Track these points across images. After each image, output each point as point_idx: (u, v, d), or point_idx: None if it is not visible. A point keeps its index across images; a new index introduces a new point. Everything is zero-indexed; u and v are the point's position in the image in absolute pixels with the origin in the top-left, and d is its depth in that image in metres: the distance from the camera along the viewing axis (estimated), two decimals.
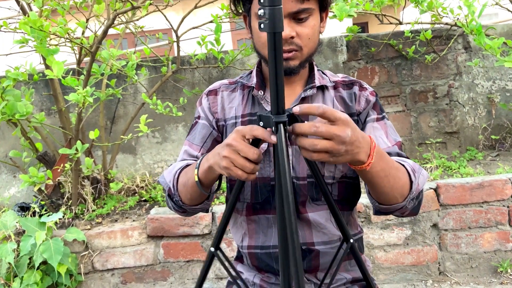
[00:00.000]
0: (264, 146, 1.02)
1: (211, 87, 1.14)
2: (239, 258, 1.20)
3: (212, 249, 0.87)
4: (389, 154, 0.98)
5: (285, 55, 0.94)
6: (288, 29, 0.92)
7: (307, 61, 1.00)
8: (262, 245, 1.08)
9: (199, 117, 1.13)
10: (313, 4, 0.94)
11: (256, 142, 0.81)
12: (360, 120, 1.05)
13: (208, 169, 0.89)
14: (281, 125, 0.75)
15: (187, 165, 1.04)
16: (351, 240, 0.87)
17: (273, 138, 0.75)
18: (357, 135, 0.77)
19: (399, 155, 1.01)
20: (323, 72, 1.11)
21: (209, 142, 1.09)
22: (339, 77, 1.10)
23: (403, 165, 0.93)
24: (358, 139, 0.77)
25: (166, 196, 1.07)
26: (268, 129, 0.77)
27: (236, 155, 0.79)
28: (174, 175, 1.02)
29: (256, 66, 1.09)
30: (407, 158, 1.01)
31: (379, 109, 1.06)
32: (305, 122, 0.76)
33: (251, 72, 1.12)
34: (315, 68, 1.07)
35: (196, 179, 0.92)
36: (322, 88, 1.06)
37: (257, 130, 0.78)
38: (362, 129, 1.05)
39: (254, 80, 1.06)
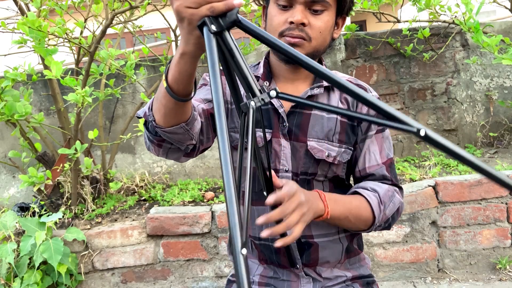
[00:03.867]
0: (260, 135, 1.01)
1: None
2: None
3: (244, 251, 0.47)
4: (373, 174, 1.04)
5: (292, 40, 0.93)
6: (301, 15, 0.91)
7: (314, 56, 0.98)
8: (260, 237, 1.07)
9: (205, 84, 1.08)
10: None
11: None
12: (361, 129, 1.05)
13: (180, 57, 0.71)
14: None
15: None
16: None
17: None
18: (306, 194, 0.86)
19: (384, 177, 1.04)
20: None
21: (210, 106, 1.00)
22: (346, 78, 1.10)
23: (367, 200, 0.98)
24: (308, 197, 0.86)
25: (144, 128, 0.93)
26: None
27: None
28: (152, 99, 0.88)
29: (265, 57, 1.08)
30: (391, 180, 1.05)
31: None
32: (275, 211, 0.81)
33: (259, 63, 1.11)
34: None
35: (165, 84, 0.76)
36: (329, 89, 1.05)
37: None
38: (362, 140, 1.05)
39: (261, 71, 1.06)
